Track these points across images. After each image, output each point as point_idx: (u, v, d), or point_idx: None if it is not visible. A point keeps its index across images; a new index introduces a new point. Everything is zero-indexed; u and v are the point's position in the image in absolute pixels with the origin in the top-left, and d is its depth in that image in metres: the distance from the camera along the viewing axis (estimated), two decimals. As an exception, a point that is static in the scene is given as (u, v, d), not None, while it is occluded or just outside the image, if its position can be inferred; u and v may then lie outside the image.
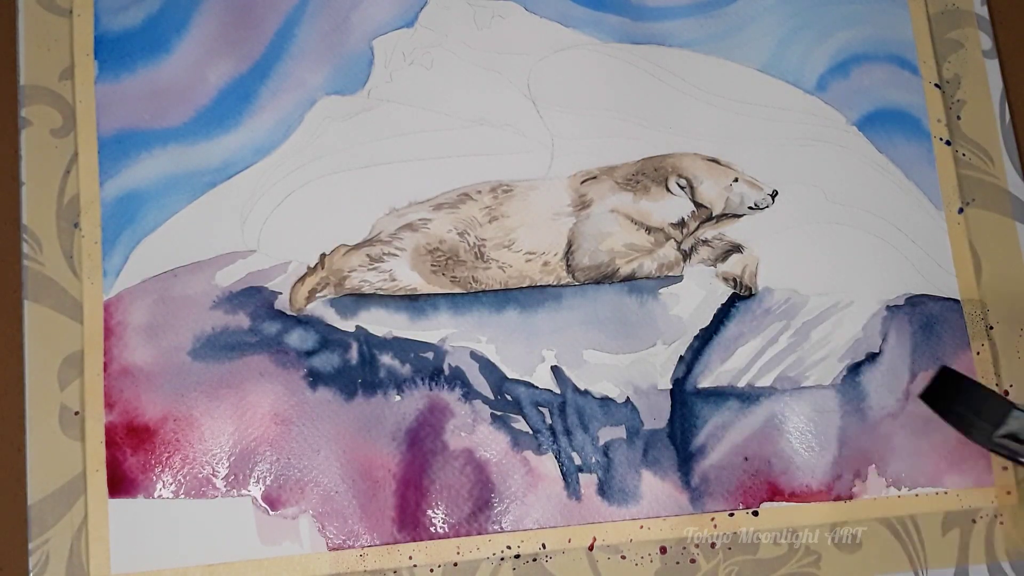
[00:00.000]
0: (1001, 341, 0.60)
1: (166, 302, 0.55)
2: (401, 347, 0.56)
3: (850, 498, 0.56)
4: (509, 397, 0.56)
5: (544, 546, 0.54)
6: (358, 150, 0.58)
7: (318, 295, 0.56)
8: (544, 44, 0.61)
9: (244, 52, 0.59)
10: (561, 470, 0.55)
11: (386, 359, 0.56)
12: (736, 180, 0.60)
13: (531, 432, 0.55)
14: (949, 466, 0.57)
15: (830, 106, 0.62)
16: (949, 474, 0.57)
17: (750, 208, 0.60)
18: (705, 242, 0.59)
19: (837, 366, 0.58)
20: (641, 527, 0.55)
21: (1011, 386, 0.59)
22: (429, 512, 0.54)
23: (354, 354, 0.56)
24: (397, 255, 0.57)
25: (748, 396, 0.57)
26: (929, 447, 0.57)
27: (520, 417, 0.56)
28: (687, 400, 0.57)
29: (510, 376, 0.56)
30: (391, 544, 0.53)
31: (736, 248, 0.59)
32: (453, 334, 0.56)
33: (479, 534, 0.54)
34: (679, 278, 0.59)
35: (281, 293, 0.56)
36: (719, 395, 0.57)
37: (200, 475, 0.53)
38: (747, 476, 0.56)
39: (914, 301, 0.59)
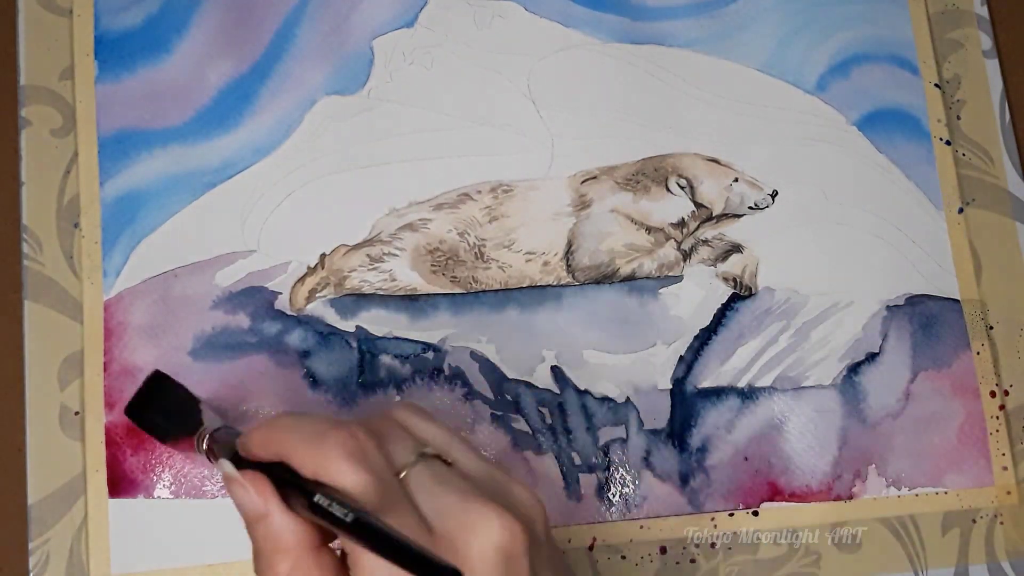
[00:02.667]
0: (1001, 341, 0.60)
1: (166, 302, 0.55)
2: (401, 347, 0.56)
3: (850, 498, 0.56)
4: (509, 397, 0.56)
5: (544, 546, 0.54)
6: (358, 150, 0.58)
7: (318, 295, 0.56)
8: (544, 44, 0.61)
9: (244, 52, 0.59)
10: (561, 470, 0.55)
11: (386, 359, 0.56)
12: (736, 180, 0.60)
13: (531, 432, 0.55)
14: (949, 466, 0.57)
15: (830, 106, 0.62)
16: (949, 474, 0.57)
17: (750, 208, 0.60)
18: (705, 242, 0.59)
19: (837, 366, 0.58)
20: (641, 527, 0.55)
21: (1011, 386, 0.59)
22: (429, 512, 0.54)
23: (354, 354, 0.56)
24: (397, 255, 0.57)
25: (748, 396, 0.57)
26: (929, 447, 0.57)
27: (520, 417, 0.56)
28: (687, 400, 0.57)
29: (510, 376, 0.56)
30: (391, 544, 0.53)
31: (736, 248, 0.59)
32: (453, 334, 0.56)
33: (479, 534, 0.54)
34: (679, 278, 0.59)
35: (281, 293, 0.56)
36: (719, 395, 0.57)
37: (200, 475, 0.53)
38: (747, 476, 0.56)
39: (914, 301, 0.59)
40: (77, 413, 0.54)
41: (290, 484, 0.37)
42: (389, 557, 0.33)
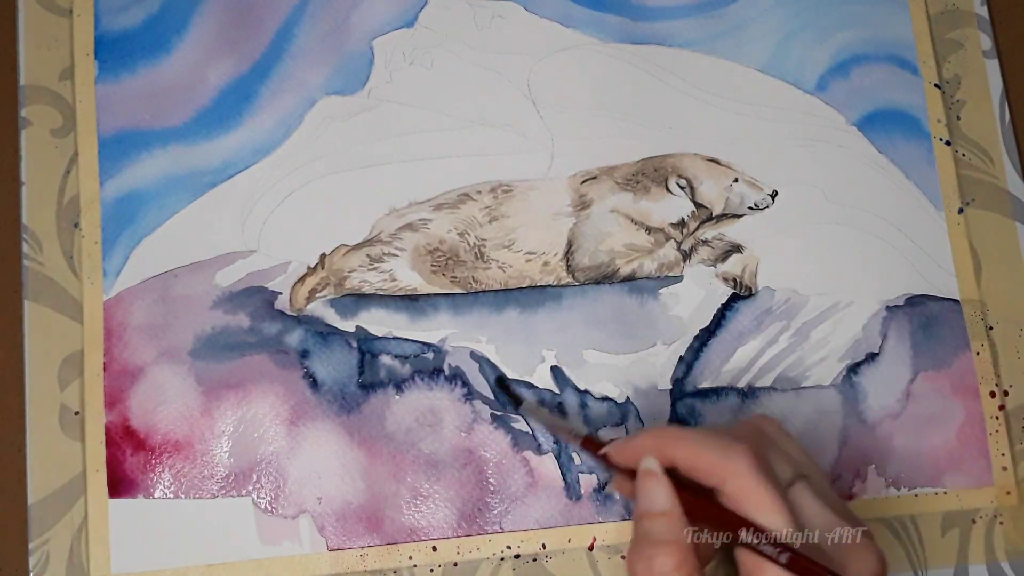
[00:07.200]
0: (1001, 341, 0.60)
1: (166, 302, 0.55)
2: (401, 347, 0.56)
3: (850, 498, 0.56)
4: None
5: (544, 546, 0.54)
6: (358, 150, 0.58)
7: (318, 295, 0.56)
8: (544, 44, 0.61)
9: (244, 52, 0.59)
10: (561, 470, 0.55)
11: (386, 359, 0.56)
12: (736, 180, 0.60)
13: (531, 432, 0.55)
14: (949, 466, 0.57)
15: (830, 106, 0.62)
16: (949, 474, 0.57)
17: (750, 208, 0.60)
18: (705, 242, 0.59)
19: (837, 366, 0.58)
20: (641, 527, 0.55)
21: (1011, 386, 0.59)
22: (429, 512, 0.54)
23: (354, 354, 0.56)
24: (397, 255, 0.57)
25: (748, 396, 0.57)
26: (929, 447, 0.57)
27: (520, 417, 0.56)
28: (687, 400, 0.57)
29: (510, 376, 0.56)
30: (391, 544, 0.53)
31: (736, 248, 0.59)
32: (453, 334, 0.56)
33: (479, 534, 0.54)
34: (679, 278, 0.59)
35: (281, 293, 0.56)
36: (719, 395, 0.57)
37: (200, 475, 0.53)
38: (747, 476, 0.56)
39: (914, 301, 0.59)
40: (77, 413, 0.54)
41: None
42: None
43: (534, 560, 0.54)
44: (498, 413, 0.56)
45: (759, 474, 0.39)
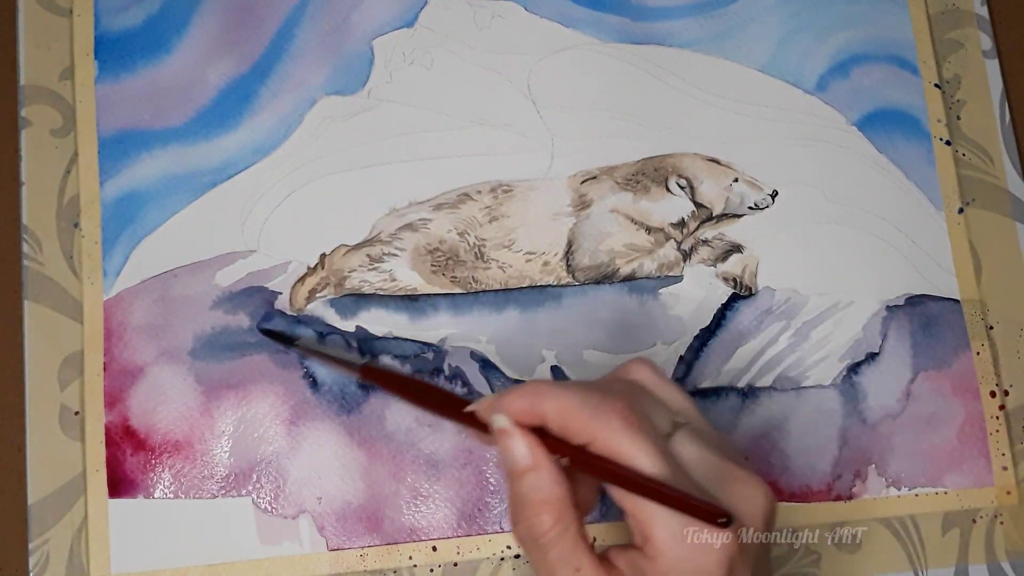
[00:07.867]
0: (1001, 341, 0.60)
1: (166, 302, 0.55)
2: (401, 347, 0.56)
3: (850, 498, 0.56)
4: (509, 397, 0.56)
5: (544, 546, 0.54)
6: (358, 150, 0.58)
7: (318, 295, 0.56)
8: (544, 44, 0.61)
9: (244, 52, 0.59)
10: (561, 470, 0.55)
11: (386, 359, 0.56)
12: (736, 180, 0.60)
13: (531, 432, 0.55)
14: (949, 466, 0.57)
15: (830, 106, 0.62)
16: (949, 474, 0.57)
17: (750, 208, 0.60)
18: (705, 242, 0.59)
19: (837, 366, 0.58)
20: (641, 527, 0.55)
21: (1011, 386, 0.59)
22: (429, 512, 0.54)
23: (354, 354, 0.56)
24: (397, 255, 0.57)
25: (748, 396, 0.57)
26: (929, 447, 0.57)
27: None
28: (687, 400, 0.57)
29: (510, 376, 0.56)
30: (391, 544, 0.53)
31: (736, 248, 0.59)
32: (453, 334, 0.56)
33: (479, 534, 0.54)
34: (679, 278, 0.59)
35: (281, 293, 0.56)
36: (719, 395, 0.57)
37: (200, 475, 0.53)
38: (747, 476, 0.56)
39: (914, 301, 0.59)
40: (77, 413, 0.54)
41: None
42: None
43: (534, 560, 0.54)
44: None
45: (631, 430, 0.38)
